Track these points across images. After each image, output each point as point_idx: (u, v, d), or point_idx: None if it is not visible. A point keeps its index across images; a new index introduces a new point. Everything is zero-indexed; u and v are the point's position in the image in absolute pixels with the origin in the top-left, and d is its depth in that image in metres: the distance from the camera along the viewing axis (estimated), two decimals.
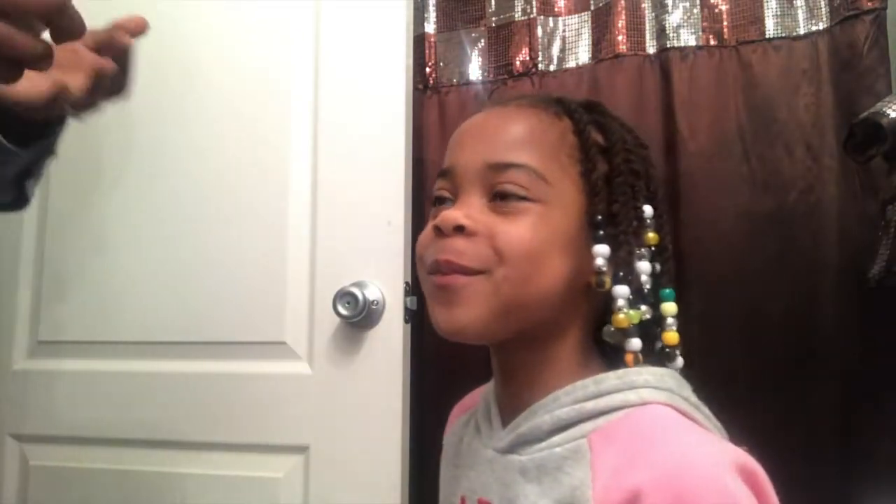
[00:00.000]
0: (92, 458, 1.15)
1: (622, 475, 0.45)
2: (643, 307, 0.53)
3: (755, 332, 1.08)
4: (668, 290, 0.54)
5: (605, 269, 0.52)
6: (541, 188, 0.53)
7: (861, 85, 1.07)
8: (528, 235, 0.51)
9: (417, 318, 1.08)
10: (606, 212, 0.54)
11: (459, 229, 0.52)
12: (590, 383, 0.51)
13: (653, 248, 0.55)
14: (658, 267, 0.55)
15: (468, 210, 0.53)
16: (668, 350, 0.54)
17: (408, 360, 1.04)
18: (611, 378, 0.51)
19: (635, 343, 0.52)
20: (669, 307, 0.54)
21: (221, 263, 1.12)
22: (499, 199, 0.53)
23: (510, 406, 0.57)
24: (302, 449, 1.05)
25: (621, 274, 0.52)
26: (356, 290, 1.00)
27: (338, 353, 1.05)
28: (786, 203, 1.10)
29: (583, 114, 0.57)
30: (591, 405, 0.50)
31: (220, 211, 1.13)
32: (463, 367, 1.18)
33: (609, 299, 0.53)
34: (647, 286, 0.53)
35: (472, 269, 0.52)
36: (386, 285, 1.04)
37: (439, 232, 0.54)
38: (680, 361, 0.54)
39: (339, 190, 1.08)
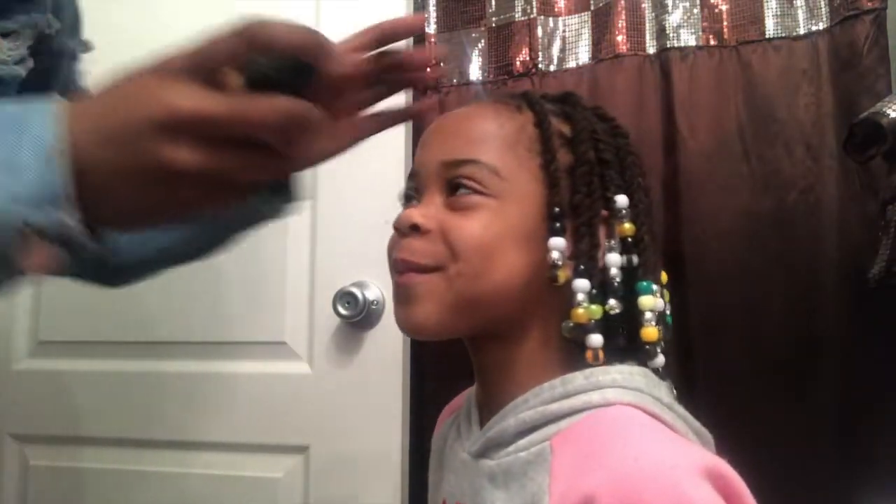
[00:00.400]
0: (92, 458, 1.15)
1: (578, 479, 0.44)
2: (612, 301, 0.51)
3: (755, 331, 1.08)
4: (644, 283, 0.51)
5: (560, 262, 0.51)
6: (494, 183, 0.52)
7: (861, 85, 1.06)
8: (479, 231, 0.51)
9: None
10: (569, 203, 0.52)
11: (415, 228, 0.53)
12: (557, 384, 0.50)
13: (629, 240, 0.53)
14: (635, 259, 0.52)
15: (426, 209, 0.54)
16: (647, 347, 0.51)
17: (408, 360, 1.04)
18: (578, 378, 0.49)
19: (595, 339, 0.50)
20: (646, 301, 0.51)
21: (221, 263, 1.12)
22: (454, 195, 0.54)
23: (487, 407, 0.56)
24: (302, 449, 1.05)
25: (581, 267, 0.51)
26: (356, 290, 1.00)
27: (338, 353, 1.05)
28: (786, 203, 1.10)
29: (544, 105, 0.56)
30: (555, 407, 0.49)
31: None
32: (463, 367, 1.18)
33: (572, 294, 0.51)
34: (618, 279, 0.51)
35: (426, 267, 0.52)
36: (386, 285, 1.03)
37: (398, 231, 0.55)
38: (661, 359, 0.52)
39: (339, 190, 1.09)
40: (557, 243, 0.51)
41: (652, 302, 0.51)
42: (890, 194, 0.94)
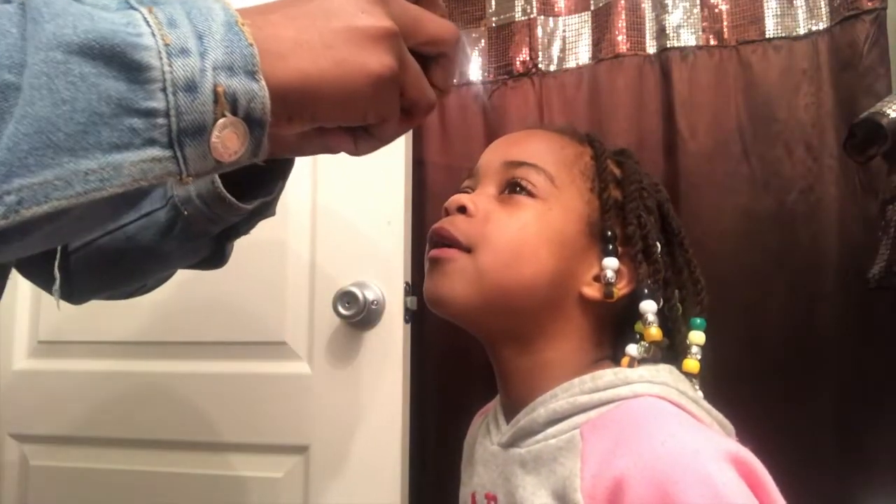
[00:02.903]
0: (92, 458, 1.15)
1: (608, 463, 0.46)
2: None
3: (755, 332, 1.08)
4: (699, 320, 0.56)
5: (612, 280, 0.55)
6: (546, 188, 0.57)
7: (861, 85, 1.06)
8: (516, 225, 0.56)
9: (417, 318, 1.08)
10: (621, 234, 0.57)
11: (462, 209, 0.57)
12: (587, 379, 0.53)
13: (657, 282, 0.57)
14: (661, 301, 0.56)
15: (477, 197, 0.59)
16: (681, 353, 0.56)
17: (408, 360, 1.04)
18: (607, 374, 0.52)
19: (634, 349, 0.54)
20: (696, 336, 0.56)
21: None
22: (507, 191, 0.58)
23: (512, 406, 0.58)
24: (302, 449, 1.05)
25: (646, 290, 0.55)
26: (356, 290, 1.00)
27: (338, 353, 1.05)
28: (786, 203, 1.10)
29: (603, 145, 0.62)
30: (584, 398, 0.52)
31: None
32: (463, 367, 1.18)
33: (613, 313, 0.57)
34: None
35: (459, 243, 0.56)
36: (386, 285, 1.04)
37: (446, 212, 0.59)
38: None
39: (339, 190, 1.09)
40: (612, 263, 0.56)
41: (702, 338, 0.56)
42: (890, 194, 0.94)
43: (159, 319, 1.14)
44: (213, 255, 0.67)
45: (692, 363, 0.55)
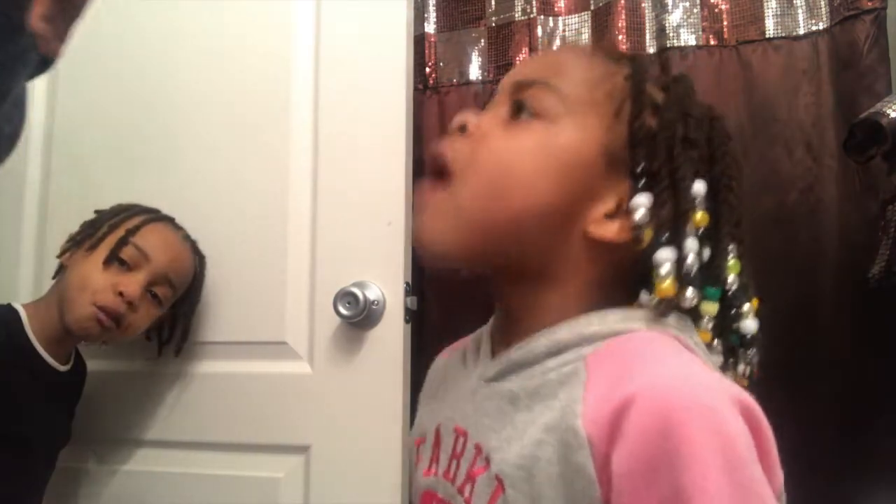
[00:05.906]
0: (92, 458, 1.15)
1: (616, 387, 0.42)
2: (690, 292, 0.46)
3: None
4: (711, 289, 0.48)
5: (644, 221, 0.47)
6: (557, 110, 0.50)
7: (861, 85, 1.06)
8: (513, 150, 0.50)
9: (417, 318, 1.08)
10: (649, 168, 0.49)
11: (462, 128, 0.52)
12: (593, 317, 0.48)
13: (701, 231, 0.48)
14: (706, 253, 0.48)
15: (482, 118, 0.53)
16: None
17: (408, 360, 1.04)
18: (616, 313, 0.48)
19: (646, 297, 0.48)
20: (707, 307, 0.48)
21: (222, 263, 1.12)
22: (516, 113, 0.52)
23: (504, 341, 0.53)
24: (302, 449, 1.05)
25: (663, 238, 0.47)
26: (357, 290, 1.00)
27: (338, 353, 1.05)
28: (786, 203, 1.10)
29: (645, 66, 0.54)
30: (592, 329, 0.47)
31: (221, 211, 1.13)
32: None
33: (627, 259, 0.49)
34: (695, 268, 0.47)
35: (449, 166, 0.51)
36: (386, 285, 1.04)
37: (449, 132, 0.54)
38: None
39: (339, 190, 1.08)
40: (643, 200, 0.48)
41: (713, 309, 0.48)
42: (890, 194, 0.94)
43: None
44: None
45: (704, 336, 0.49)
